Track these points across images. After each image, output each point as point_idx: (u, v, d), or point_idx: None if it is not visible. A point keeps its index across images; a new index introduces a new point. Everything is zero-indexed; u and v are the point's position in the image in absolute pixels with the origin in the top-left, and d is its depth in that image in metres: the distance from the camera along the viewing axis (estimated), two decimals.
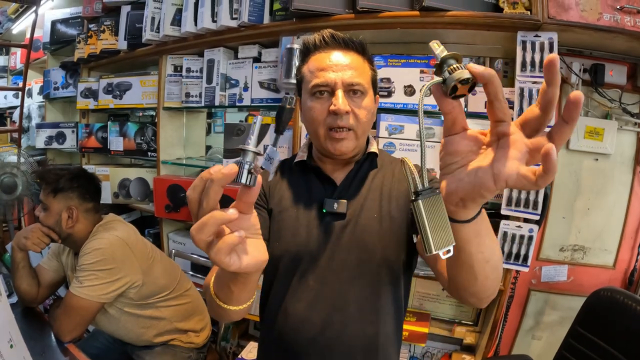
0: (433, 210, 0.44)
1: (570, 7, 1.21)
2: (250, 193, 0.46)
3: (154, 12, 1.76)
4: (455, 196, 0.44)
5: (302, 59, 0.86)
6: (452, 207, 0.46)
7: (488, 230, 0.52)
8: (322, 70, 0.78)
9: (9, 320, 1.01)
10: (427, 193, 0.44)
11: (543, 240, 1.56)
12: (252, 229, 0.50)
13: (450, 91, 0.41)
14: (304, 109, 0.84)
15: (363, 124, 0.80)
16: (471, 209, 0.46)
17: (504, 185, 0.40)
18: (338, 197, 0.82)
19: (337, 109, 0.76)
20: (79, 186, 1.33)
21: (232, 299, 0.61)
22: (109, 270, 1.24)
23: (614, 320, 1.16)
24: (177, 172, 1.97)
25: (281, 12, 1.44)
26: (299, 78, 0.86)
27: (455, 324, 1.57)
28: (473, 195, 0.43)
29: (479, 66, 0.39)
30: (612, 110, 1.49)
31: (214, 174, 0.42)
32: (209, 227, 0.42)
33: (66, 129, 2.48)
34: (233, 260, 0.46)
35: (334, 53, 0.80)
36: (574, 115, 0.36)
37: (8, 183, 2.28)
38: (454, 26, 1.29)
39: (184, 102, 1.78)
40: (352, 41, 0.81)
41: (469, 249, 0.51)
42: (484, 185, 0.41)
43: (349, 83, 0.77)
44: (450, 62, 0.41)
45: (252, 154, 0.44)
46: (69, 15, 2.47)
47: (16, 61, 3.34)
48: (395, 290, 0.81)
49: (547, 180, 0.37)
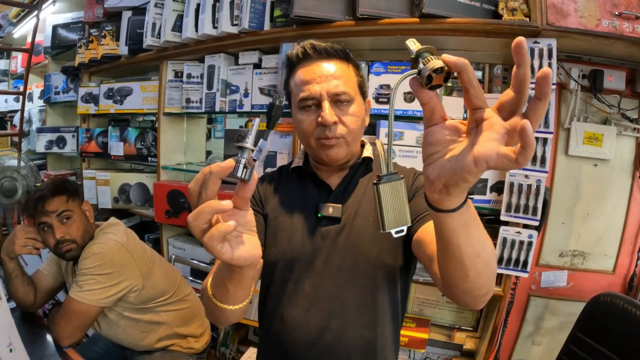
0: (393, 194, 0.48)
1: (569, 14, 1.22)
2: (246, 188, 0.49)
3: (155, 18, 1.77)
4: (438, 183, 0.45)
5: (287, 73, 0.87)
6: (436, 195, 0.46)
7: (476, 222, 0.51)
8: (307, 84, 0.80)
9: (8, 325, 1.02)
10: (389, 177, 0.48)
11: (543, 246, 1.56)
12: (248, 225, 0.53)
13: (425, 81, 0.42)
14: (294, 122, 0.85)
15: (352, 131, 0.81)
16: (455, 196, 0.46)
17: (485, 167, 0.40)
18: (333, 202, 0.83)
19: (325, 121, 0.77)
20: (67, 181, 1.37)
21: (229, 297, 0.63)
22: (108, 274, 1.24)
23: (613, 326, 1.16)
24: (177, 178, 1.97)
25: (282, 19, 1.45)
26: (287, 92, 0.87)
27: (455, 330, 1.57)
28: (456, 179, 0.43)
29: (452, 56, 0.41)
30: (611, 115, 1.49)
31: (213, 167, 0.47)
32: (205, 215, 0.46)
33: (67, 134, 2.48)
34: (225, 249, 0.49)
35: (317, 64, 0.81)
36: (545, 91, 0.37)
37: (8, 187, 2.28)
38: (453, 33, 1.30)
39: (184, 107, 1.78)
40: (334, 49, 0.82)
41: (457, 241, 0.50)
42: (465, 168, 0.41)
43: (335, 93, 0.79)
44: (424, 55, 0.43)
45: (248, 151, 0.48)
46: (70, 20, 2.48)
47: (17, 65, 3.34)
48: (392, 293, 0.82)
49: (527, 156, 0.37)
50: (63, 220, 1.27)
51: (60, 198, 1.28)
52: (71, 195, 1.31)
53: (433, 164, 0.45)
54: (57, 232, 1.26)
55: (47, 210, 1.25)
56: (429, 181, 0.46)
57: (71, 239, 1.27)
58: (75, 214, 1.30)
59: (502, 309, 1.39)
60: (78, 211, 1.32)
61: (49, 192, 1.26)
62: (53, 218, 1.26)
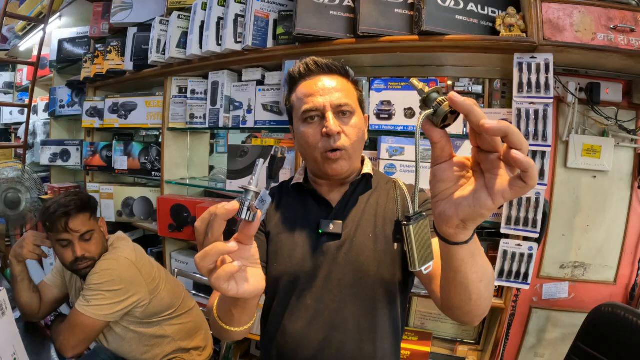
0: (420, 233, 0.49)
1: (565, 29, 1.24)
2: (250, 227, 0.51)
3: (160, 35, 1.80)
4: (455, 219, 0.46)
5: (289, 89, 0.89)
6: (453, 229, 0.48)
7: (480, 249, 0.54)
8: (310, 96, 0.82)
9: (13, 335, 1.03)
10: (416, 217, 0.49)
11: (543, 258, 1.56)
12: (252, 259, 0.55)
13: (440, 121, 0.44)
14: (297, 135, 0.87)
15: (354, 143, 0.83)
16: (470, 230, 0.48)
17: (502, 201, 0.43)
18: (334, 218, 0.85)
19: (329, 131, 0.79)
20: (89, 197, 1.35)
21: (234, 321, 0.66)
22: (116, 291, 1.25)
23: (616, 336, 1.16)
24: (181, 192, 1.98)
25: (284, 37, 1.48)
26: (289, 107, 0.89)
27: (457, 343, 1.57)
28: (474, 215, 0.45)
29: (460, 97, 0.42)
30: (608, 127, 1.51)
31: (219, 209, 0.48)
32: (212, 257, 0.48)
33: (71, 147, 2.51)
34: (231, 287, 0.51)
35: (319, 78, 0.83)
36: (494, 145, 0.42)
37: (12, 198, 2.31)
38: (452, 49, 1.33)
39: (188, 123, 1.80)
40: (335, 65, 0.85)
41: (465, 269, 0.53)
42: (484, 205, 0.43)
43: (338, 104, 0.81)
44: (434, 96, 0.45)
45: (253, 193, 0.49)
46: (76, 35, 2.52)
47: (22, 78, 3.39)
48: (391, 308, 0.83)
49: (533, 177, 0.39)
50: (85, 238, 1.27)
51: (84, 216, 1.26)
52: (93, 212, 1.31)
53: (445, 200, 0.47)
54: (77, 249, 1.24)
55: (70, 228, 1.23)
56: (445, 217, 0.47)
57: (90, 257, 1.27)
58: (95, 232, 1.30)
59: (503, 322, 1.40)
60: (97, 228, 1.32)
61: (74, 210, 1.24)
62: (75, 236, 1.25)
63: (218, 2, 1.58)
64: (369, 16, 1.31)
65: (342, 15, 1.38)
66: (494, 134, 0.40)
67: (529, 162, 0.38)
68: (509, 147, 0.40)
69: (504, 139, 0.40)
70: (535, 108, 1.27)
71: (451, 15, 1.27)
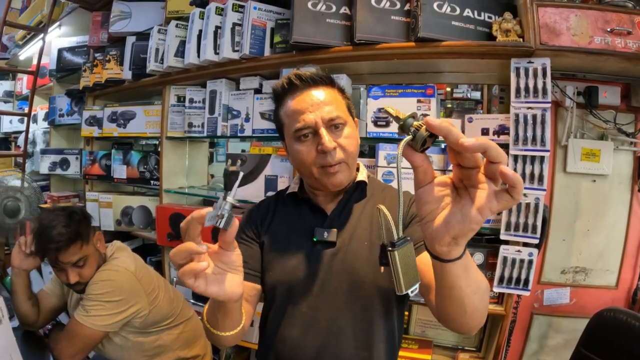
0: (405, 258, 0.51)
1: (562, 33, 1.24)
2: (226, 234, 0.55)
3: (158, 44, 1.81)
4: (447, 237, 0.47)
5: (276, 105, 0.89)
6: (445, 247, 0.49)
7: (472, 263, 0.55)
8: (301, 113, 0.81)
9: (11, 343, 1.03)
10: (400, 243, 0.51)
11: (544, 264, 1.55)
12: (232, 264, 0.58)
13: (419, 146, 0.46)
14: (291, 153, 0.87)
15: (351, 153, 0.83)
16: (462, 245, 0.49)
17: (489, 213, 0.44)
18: (328, 226, 0.85)
19: (325, 148, 0.79)
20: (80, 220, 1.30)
21: (219, 325, 0.72)
22: (116, 302, 1.25)
23: (618, 341, 1.15)
24: (180, 201, 1.98)
25: (281, 45, 1.49)
26: (279, 123, 0.89)
27: (458, 351, 1.56)
28: (465, 231, 0.46)
29: (435, 120, 0.43)
30: (607, 131, 1.50)
31: (194, 213, 0.53)
32: (182, 253, 0.53)
33: (70, 156, 2.51)
34: (198, 284, 0.55)
35: (306, 93, 0.83)
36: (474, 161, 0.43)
37: (11, 207, 2.31)
38: (449, 55, 1.33)
39: (186, 132, 1.80)
40: (320, 76, 0.84)
41: (460, 283, 0.54)
42: (473, 219, 0.45)
43: (329, 119, 0.81)
44: (411, 122, 0.46)
45: (229, 204, 0.54)
46: (76, 44, 2.54)
47: (22, 86, 3.40)
48: (387, 315, 0.83)
49: (519, 190, 0.41)
50: (79, 265, 1.26)
51: (75, 246, 1.23)
52: (85, 238, 1.27)
53: (432, 221, 0.48)
54: (71, 277, 1.24)
55: (61, 261, 1.23)
56: (437, 237, 0.48)
57: (84, 281, 1.26)
58: (89, 257, 1.28)
59: (504, 329, 1.39)
60: (92, 250, 1.29)
61: (64, 244, 1.21)
62: (67, 266, 1.24)
63: (215, 11, 1.58)
64: (366, 23, 1.31)
65: (338, 23, 1.39)
66: (474, 150, 0.41)
67: (517, 178, 0.40)
68: (489, 161, 0.42)
69: (484, 154, 0.41)
70: (533, 113, 1.27)
71: (447, 21, 1.27)
